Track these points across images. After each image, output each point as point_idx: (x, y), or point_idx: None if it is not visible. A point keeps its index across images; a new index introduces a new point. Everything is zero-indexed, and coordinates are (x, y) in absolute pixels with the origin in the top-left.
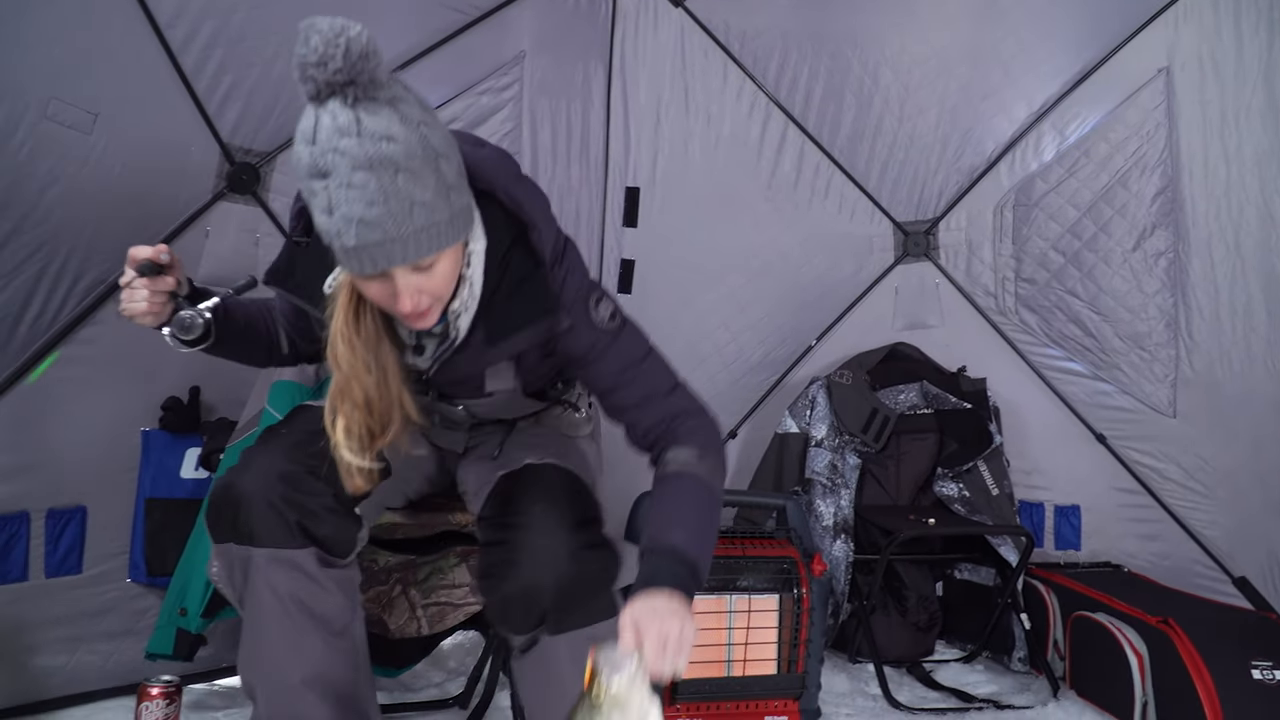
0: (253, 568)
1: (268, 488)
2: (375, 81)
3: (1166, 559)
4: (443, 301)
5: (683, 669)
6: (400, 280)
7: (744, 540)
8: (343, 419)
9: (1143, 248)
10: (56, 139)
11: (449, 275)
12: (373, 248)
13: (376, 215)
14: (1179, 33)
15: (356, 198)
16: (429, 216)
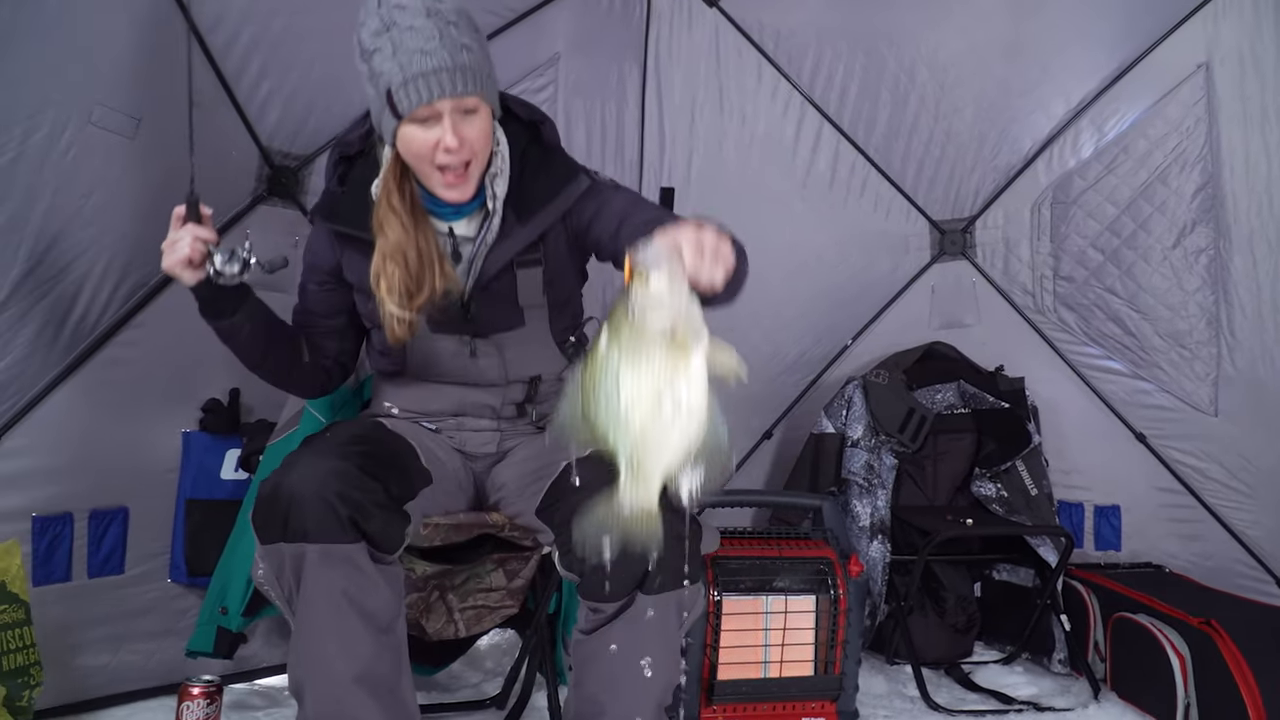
0: (306, 565)
1: (320, 484)
2: None
3: (1208, 559)
4: (479, 163)
5: (720, 281)
6: (448, 118)
7: (780, 541)
8: (385, 279)
9: (1183, 245)
10: (101, 144)
11: (485, 132)
12: (430, 75)
13: (434, 48)
14: (1218, 28)
15: (417, 37)
16: (474, 59)
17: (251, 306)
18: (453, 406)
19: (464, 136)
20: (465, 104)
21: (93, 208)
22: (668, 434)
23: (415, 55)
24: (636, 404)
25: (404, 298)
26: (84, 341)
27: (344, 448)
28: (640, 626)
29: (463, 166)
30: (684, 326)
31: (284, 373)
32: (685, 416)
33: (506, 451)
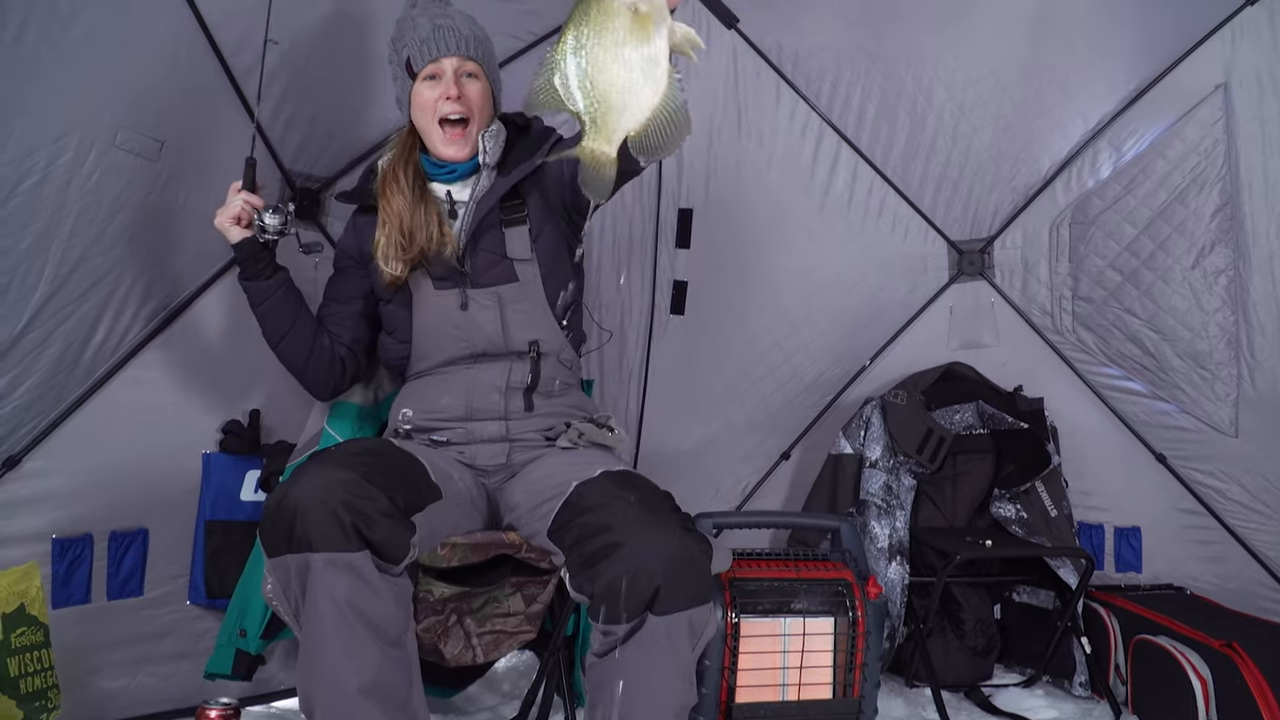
0: (311, 576)
1: (324, 493)
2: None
3: (1230, 581)
4: (475, 125)
5: None
6: (450, 74)
7: (798, 563)
8: (384, 237)
9: (1202, 265)
10: (125, 166)
11: (483, 96)
12: (439, 39)
13: (444, 22)
14: (1236, 49)
15: (434, 15)
16: (479, 39)
17: (285, 275)
18: (461, 405)
19: (464, 92)
20: (466, 67)
21: (116, 230)
22: (630, 96)
23: (429, 26)
24: (602, 68)
25: (399, 251)
26: (105, 363)
27: (350, 459)
28: (651, 648)
29: (462, 124)
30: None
31: (305, 350)
32: (648, 81)
33: (518, 468)
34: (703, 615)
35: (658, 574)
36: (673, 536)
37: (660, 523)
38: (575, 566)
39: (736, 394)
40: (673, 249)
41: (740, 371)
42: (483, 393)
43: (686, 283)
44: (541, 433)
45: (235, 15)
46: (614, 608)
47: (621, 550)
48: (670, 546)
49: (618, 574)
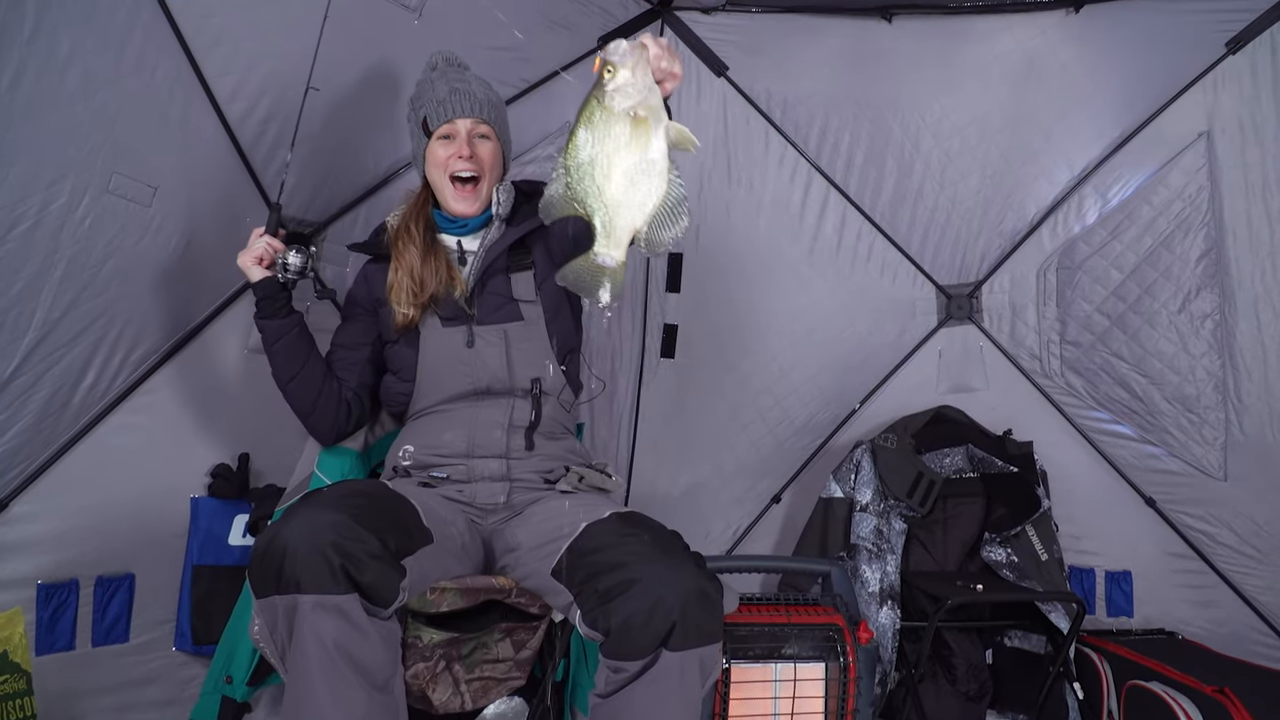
0: (298, 617)
1: (314, 534)
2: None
3: (1222, 626)
4: (485, 183)
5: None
6: (463, 135)
7: (789, 607)
8: (397, 285)
9: (1188, 310)
10: (117, 212)
11: (494, 156)
12: (454, 101)
13: (461, 85)
14: (1218, 97)
15: (452, 79)
16: (493, 104)
17: (300, 317)
18: (463, 441)
19: (475, 151)
20: (479, 129)
21: (107, 275)
22: (634, 196)
23: (446, 88)
24: (607, 174)
25: (410, 297)
26: (94, 408)
27: (340, 500)
28: (663, 685)
29: (473, 183)
30: (646, 107)
31: (314, 392)
32: (648, 181)
33: (519, 510)
34: (713, 655)
35: (674, 609)
36: (689, 574)
37: (676, 560)
38: (589, 603)
39: (727, 437)
40: (663, 293)
41: (731, 415)
42: (485, 429)
43: (677, 326)
44: (541, 474)
45: (231, 64)
46: (630, 643)
47: (638, 586)
48: (686, 583)
49: (635, 609)
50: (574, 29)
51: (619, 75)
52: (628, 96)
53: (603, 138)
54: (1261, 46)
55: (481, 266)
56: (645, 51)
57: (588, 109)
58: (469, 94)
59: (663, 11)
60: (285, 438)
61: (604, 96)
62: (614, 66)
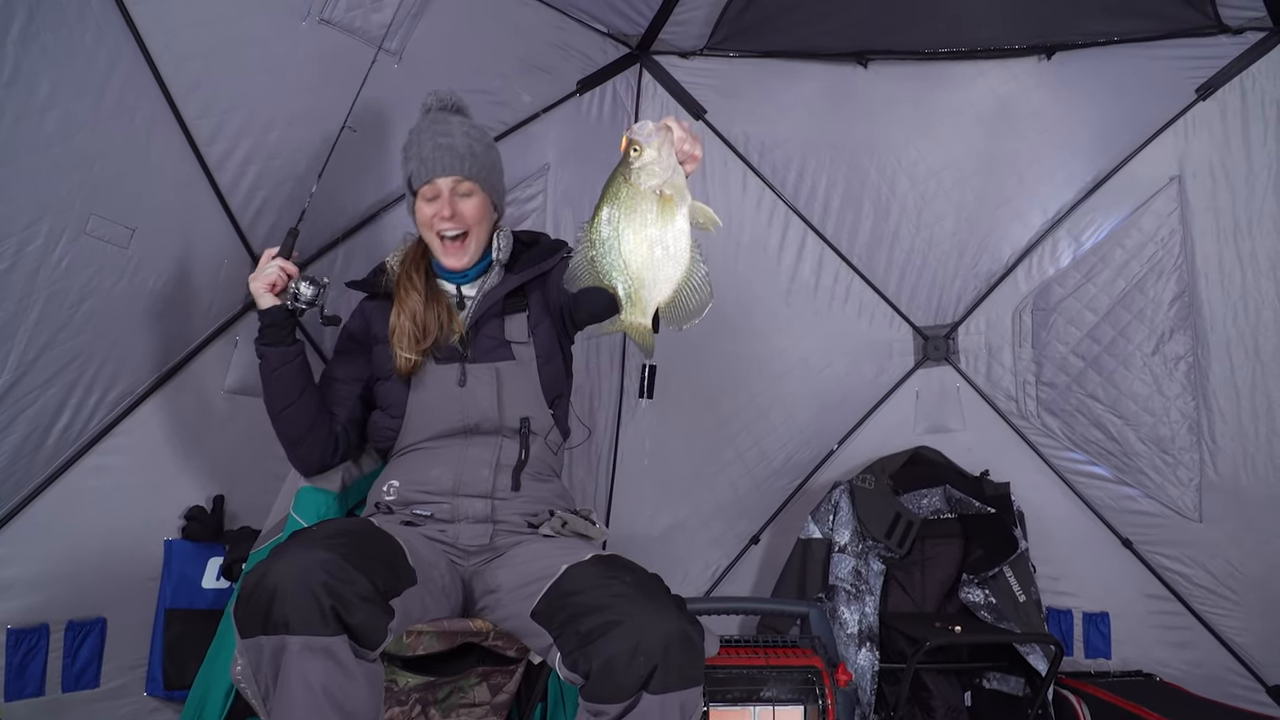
0: (285, 658)
1: (304, 574)
2: (460, 108)
3: (1199, 668)
4: (474, 238)
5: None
6: (446, 194)
7: (767, 650)
8: (399, 330)
9: (1162, 352)
10: (95, 253)
11: (480, 211)
12: (436, 159)
13: (445, 141)
14: (1189, 142)
15: (437, 133)
16: (476, 157)
17: (301, 346)
18: (450, 478)
19: (458, 210)
20: (462, 186)
21: (83, 316)
22: (658, 271)
23: (430, 145)
24: (633, 248)
25: (413, 342)
26: (68, 450)
27: (330, 540)
28: None
29: (460, 238)
30: (672, 186)
31: (307, 422)
32: (673, 257)
33: (500, 551)
34: (694, 699)
35: (656, 652)
36: (670, 617)
37: (658, 603)
38: (569, 645)
39: (705, 478)
40: None
41: (709, 455)
42: (472, 467)
43: (655, 367)
44: (525, 517)
45: (210, 107)
46: (610, 685)
47: (620, 628)
48: (668, 626)
49: (617, 650)
50: (553, 72)
51: (645, 154)
52: (653, 175)
53: (629, 213)
54: (1231, 92)
55: (478, 310)
56: (670, 133)
57: (614, 185)
58: (452, 150)
59: (641, 56)
60: (260, 479)
61: (630, 174)
62: (640, 146)
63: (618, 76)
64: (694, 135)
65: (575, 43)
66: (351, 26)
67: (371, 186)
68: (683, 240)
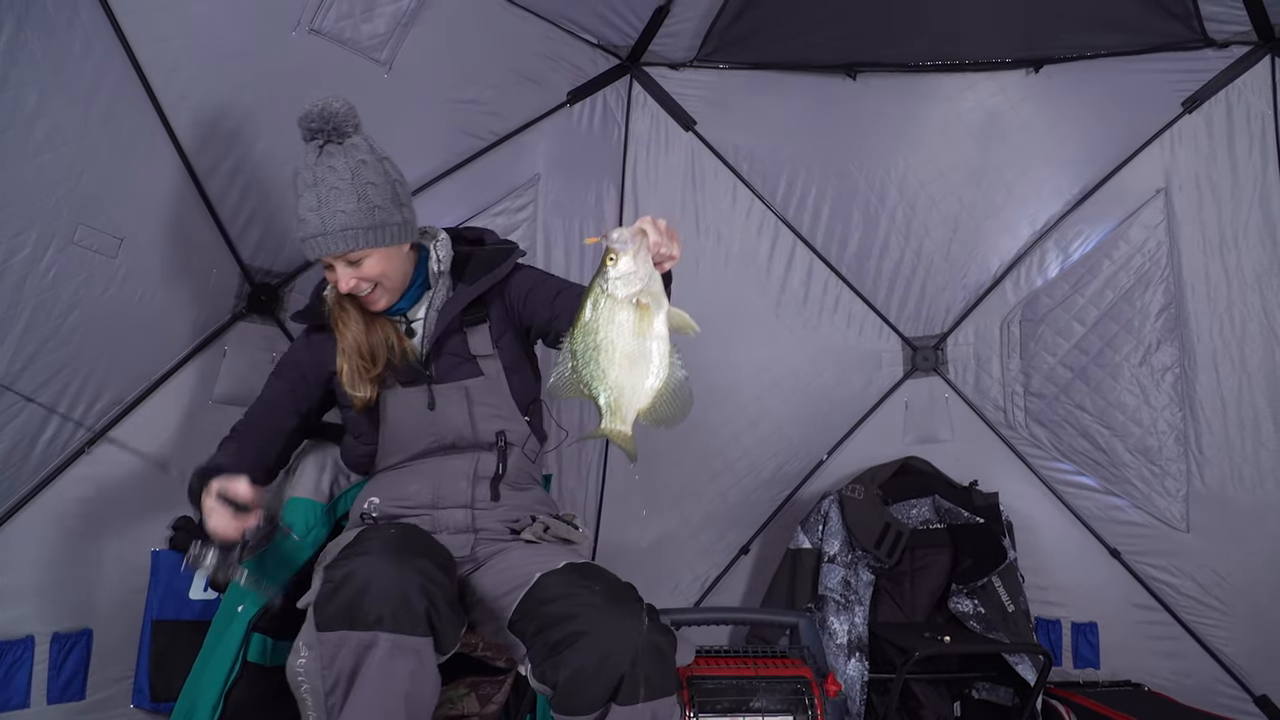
0: (371, 656)
1: (401, 575)
2: (340, 132)
3: (1188, 677)
4: (386, 286)
5: (677, 254)
6: (340, 268)
7: (757, 660)
8: (346, 366)
9: (1149, 363)
10: (82, 263)
11: (379, 267)
12: (310, 240)
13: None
14: (1175, 155)
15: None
16: (349, 221)
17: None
18: (428, 491)
19: (354, 279)
20: (352, 257)
21: (70, 326)
22: (638, 380)
23: (314, 221)
24: (611, 358)
25: (362, 377)
26: (54, 460)
27: (414, 544)
28: None
29: (369, 292)
30: (649, 294)
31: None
32: (652, 365)
33: (482, 562)
34: (667, 708)
35: (623, 663)
36: (638, 627)
37: (626, 612)
38: (538, 656)
39: (695, 488)
40: None
41: (699, 465)
42: (450, 479)
43: None
44: (507, 524)
45: (199, 117)
46: (578, 698)
47: (586, 639)
48: (636, 636)
49: (583, 663)
50: (543, 83)
51: (621, 262)
52: (630, 283)
53: (607, 323)
54: (1217, 106)
55: (435, 331)
56: (646, 238)
57: (592, 295)
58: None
59: (631, 67)
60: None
61: (608, 284)
62: (616, 254)
63: (608, 87)
64: (671, 233)
65: (565, 53)
66: (341, 37)
67: None
68: (661, 347)
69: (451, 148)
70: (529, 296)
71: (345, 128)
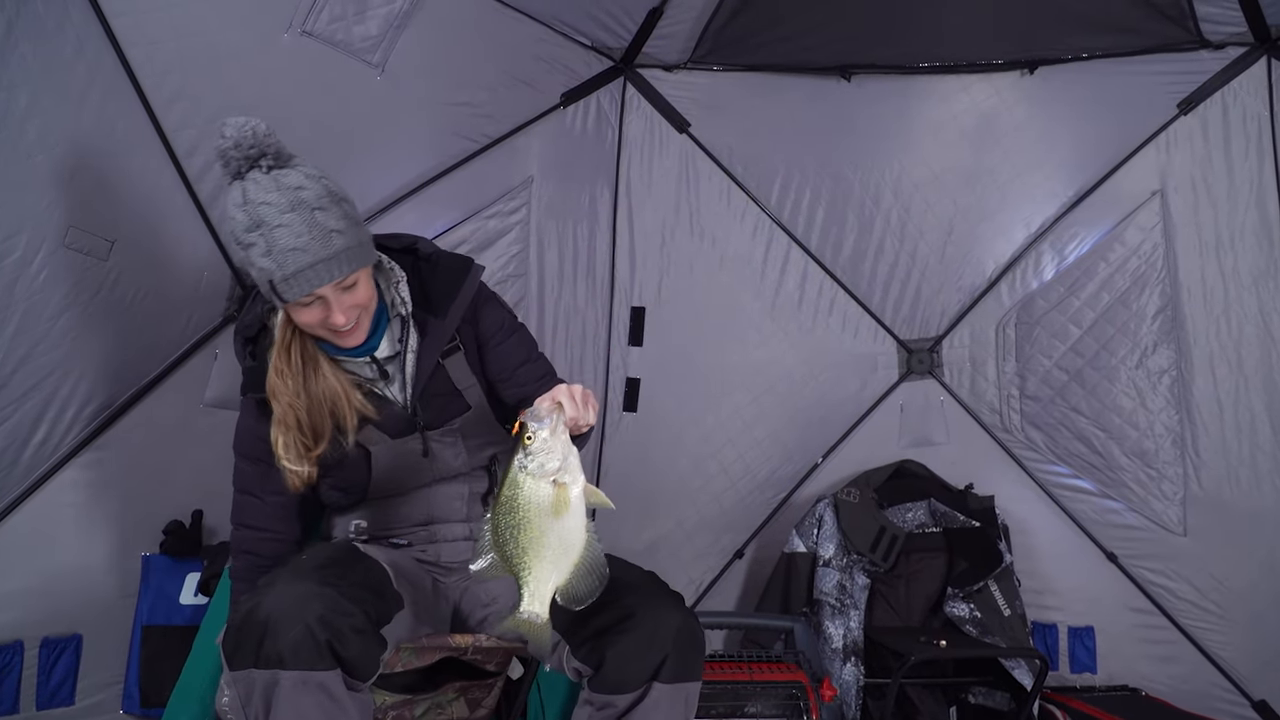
0: (278, 694)
1: (300, 608)
2: (280, 153)
3: (1185, 683)
4: (368, 313)
5: (593, 419)
6: (331, 298)
7: (751, 665)
8: (281, 438)
9: (1145, 365)
10: (73, 265)
11: (367, 290)
12: (307, 270)
13: (305, 243)
14: (1171, 157)
15: (288, 234)
16: (346, 240)
17: None
18: (423, 514)
19: (348, 306)
20: (344, 283)
21: (61, 329)
22: (558, 558)
23: (289, 253)
24: (530, 538)
25: (299, 453)
26: (44, 464)
27: (321, 571)
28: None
29: (354, 325)
30: (567, 471)
31: None
32: (569, 543)
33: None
34: (695, 694)
35: (668, 642)
36: (679, 610)
37: (666, 597)
38: (581, 637)
39: (690, 491)
40: (625, 346)
41: (693, 468)
42: (444, 502)
43: (639, 380)
44: None
45: (191, 118)
46: (624, 674)
47: (634, 619)
48: (679, 619)
49: (631, 640)
50: (536, 85)
51: (539, 438)
52: (548, 461)
53: (526, 502)
54: (1212, 107)
55: (417, 373)
56: (562, 413)
57: (510, 474)
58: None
59: (625, 69)
60: None
61: (526, 461)
62: (533, 432)
63: (602, 89)
64: (586, 401)
65: (559, 55)
66: (334, 39)
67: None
68: (580, 523)
69: (444, 150)
70: (496, 345)
71: (281, 147)
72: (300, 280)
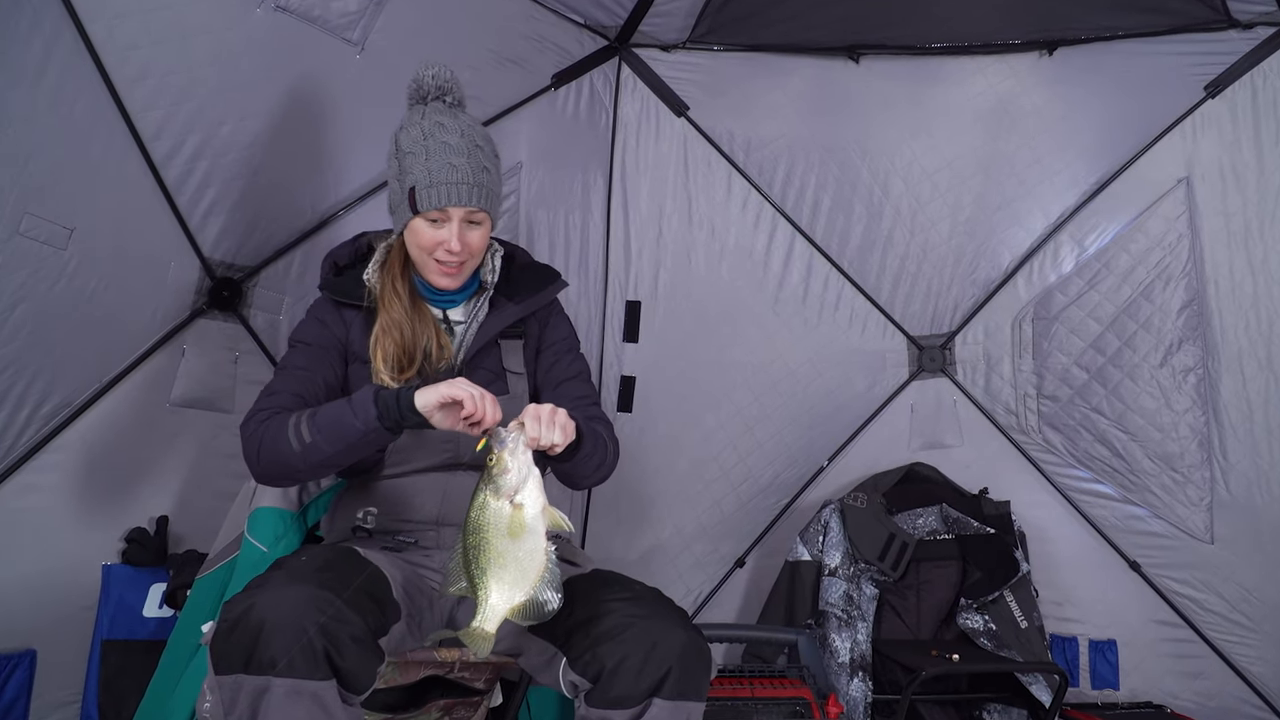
0: (267, 700)
1: (298, 613)
2: (463, 101)
3: (1212, 699)
4: (473, 263)
5: (557, 440)
6: (456, 223)
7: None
8: (381, 350)
9: (1170, 363)
10: (29, 254)
11: (484, 240)
12: (452, 185)
13: (461, 163)
14: (1198, 142)
15: (449, 151)
16: (490, 180)
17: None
18: (434, 506)
19: (466, 241)
20: (474, 216)
21: (16, 322)
22: (517, 577)
23: (444, 165)
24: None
25: (395, 367)
26: None
27: (321, 574)
28: None
29: (458, 264)
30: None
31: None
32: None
33: None
34: (698, 713)
35: (670, 656)
36: (683, 625)
37: (669, 611)
38: (579, 648)
39: (688, 496)
40: (620, 342)
41: (692, 472)
42: (458, 496)
43: (635, 378)
44: None
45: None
46: (622, 687)
47: (634, 630)
48: (682, 633)
49: (630, 651)
50: (526, 65)
51: (502, 460)
52: (509, 481)
53: (485, 525)
54: (1242, 90)
55: (475, 344)
56: (523, 433)
57: (477, 495)
58: (466, 182)
59: (620, 49)
60: (208, 499)
61: (489, 482)
62: (496, 453)
63: (595, 70)
64: (554, 420)
65: (550, 34)
66: (310, 14)
67: (330, 185)
68: (537, 543)
69: None
70: (552, 354)
71: (464, 96)
72: (443, 191)
